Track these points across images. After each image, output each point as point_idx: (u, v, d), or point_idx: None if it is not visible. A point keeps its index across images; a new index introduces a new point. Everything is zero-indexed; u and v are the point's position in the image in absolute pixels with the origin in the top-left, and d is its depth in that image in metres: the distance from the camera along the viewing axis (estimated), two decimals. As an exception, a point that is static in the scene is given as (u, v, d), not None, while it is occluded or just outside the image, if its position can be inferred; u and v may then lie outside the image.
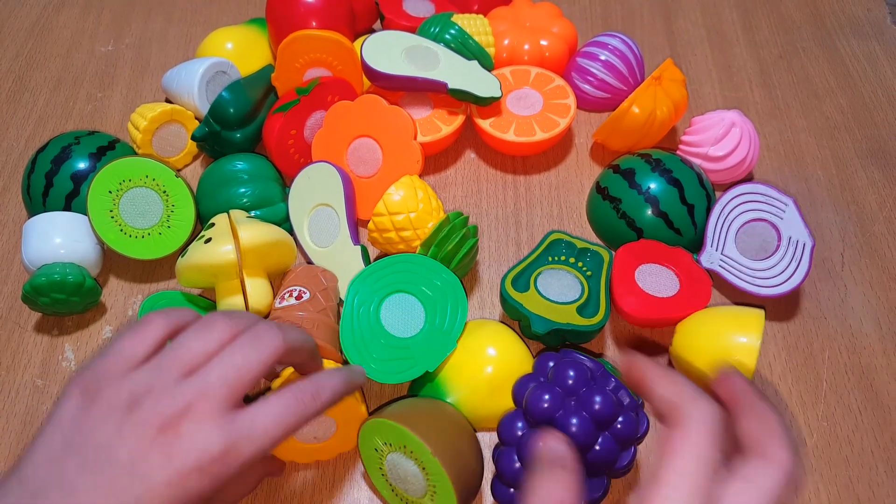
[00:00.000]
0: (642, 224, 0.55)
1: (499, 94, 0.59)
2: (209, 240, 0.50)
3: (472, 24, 0.64)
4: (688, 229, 0.55)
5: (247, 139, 0.60)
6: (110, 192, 0.53)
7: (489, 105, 0.60)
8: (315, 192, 0.56)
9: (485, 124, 0.61)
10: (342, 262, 0.54)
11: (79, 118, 0.69)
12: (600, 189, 0.59)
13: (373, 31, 0.65)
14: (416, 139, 0.57)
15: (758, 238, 0.54)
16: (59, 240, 0.52)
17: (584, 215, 0.61)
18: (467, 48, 0.63)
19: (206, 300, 0.53)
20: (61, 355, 0.54)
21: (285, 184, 0.59)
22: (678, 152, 0.61)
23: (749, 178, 0.63)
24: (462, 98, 0.59)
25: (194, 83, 0.61)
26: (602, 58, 0.65)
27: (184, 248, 0.53)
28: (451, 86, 0.58)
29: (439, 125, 0.61)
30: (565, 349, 0.48)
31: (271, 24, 0.65)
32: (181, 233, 0.54)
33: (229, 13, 0.78)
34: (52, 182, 0.55)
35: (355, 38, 0.67)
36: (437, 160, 0.64)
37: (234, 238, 0.49)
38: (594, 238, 0.60)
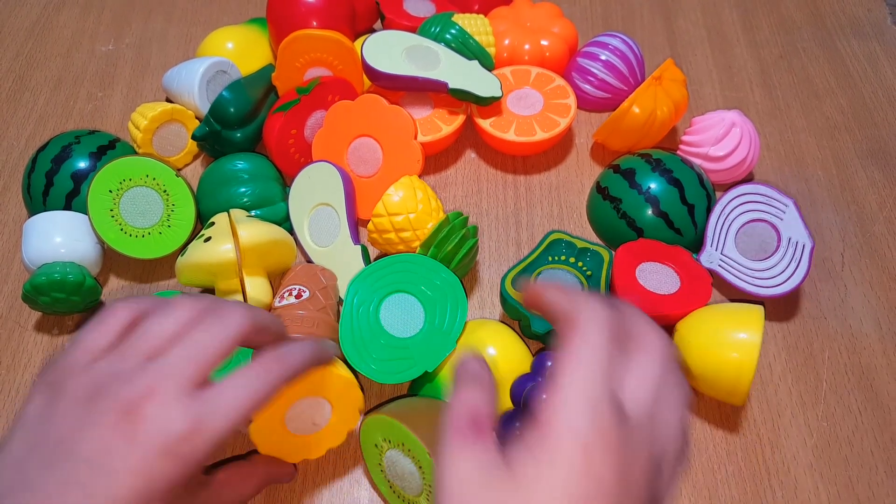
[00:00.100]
0: (643, 224, 0.55)
1: (499, 93, 0.59)
2: (209, 239, 0.50)
3: (473, 24, 0.64)
4: (688, 229, 0.55)
5: (247, 139, 0.60)
6: (111, 191, 0.53)
7: (489, 105, 0.60)
8: (315, 191, 0.56)
9: (485, 124, 0.61)
10: (342, 261, 0.54)
11: (79, 117, 0.69)
12: (600, 189, 0.59)
13: (373, 31, 0.65)
14: (416, 139, 0.57)
15: (757, 238, 0.54)
16: (59, 239, 0.53)
17: (584, 215, 0.61)
18: (468, 48, 0.63)
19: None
20: (61, 354, 0.54)
21: (285, 183, 0.59)
22: (678, 152, 0.61)
23: (749, 178, 0.63)
24: (462, 98, 0.59)
25: (195, 82, 0.61)
26: (602, 58, 0.65)
27: (184, 248, 0.53)
28: (452, 85, 0.58)
29: (440, 125, 0.61)
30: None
31: (272, 23, 0.65)
32: (181, 232, 0.55)
33: (230, 13, 0.78)
34: (53, 181, 0.55)
35: (356, 37, 0.67)
36: (437, 160, 0.64)
37: (234, 237, 0.49)
38: (594, 238, 0.60)
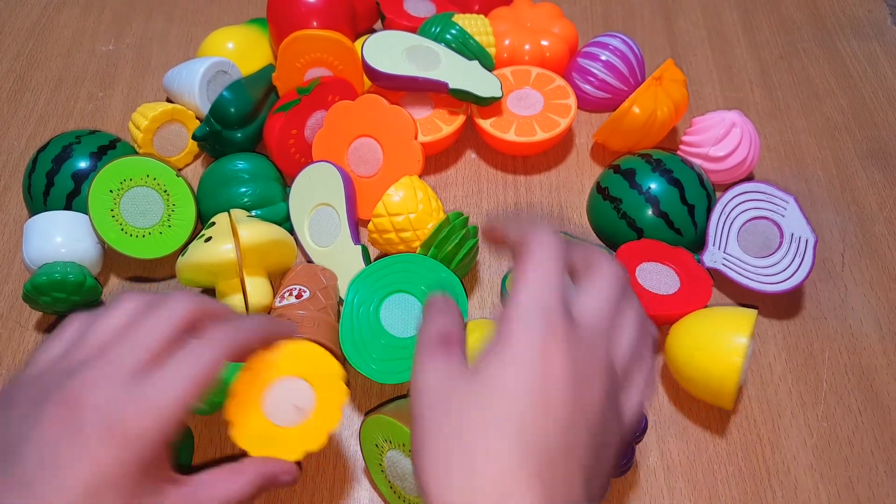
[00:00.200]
0: (643, 224, 0.55)
1: (499, 94, 0.59)
2: (209, 239, 0.50)
3: (473, 25, 0.64)
4: (688, 229, 0.55)
5: (247, 139, 0.60)
6: (111, 191, 0.53)
7: (490, 105, 0.60)
8: (316, 191, 0.56)
9: (485, 124, 0.61)
10: (343, 261, 0.54)
11: (80, 117, 0.69)
12: (601, 189, 0.59)
13: (374, 31, 0.65)
14: (416, 139, 0.57)
15: (760, 236, 0.54)
16: (59, 239, 0.53)
17: (584, 215, 0.61)
18: (468, 48, 0.63)
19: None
20: (62, 354, 0.54)
21: (286, 183, 0.59)
22: (679, 153, 0.61)
23: (750, 178, 0.63)
24: (463, 98, 0.59)
25: (195, 83, 0.62)
26: (603, 58, 0.65)
27: (184, 248, 0.53)
28: (452, 86, 0.58)
29: (440, 125, 0.61)
30: None
31: (272, 23, 0.65)
32: (182, 232, 0.55)
33: (230, 13, 0.78)
34: (53, 181, 0.55)
35: (356, 37, 0.67)
36: (437, 160, 0.64)
37: (235, 237, 0.49)
38: (594, 238, 0.60)
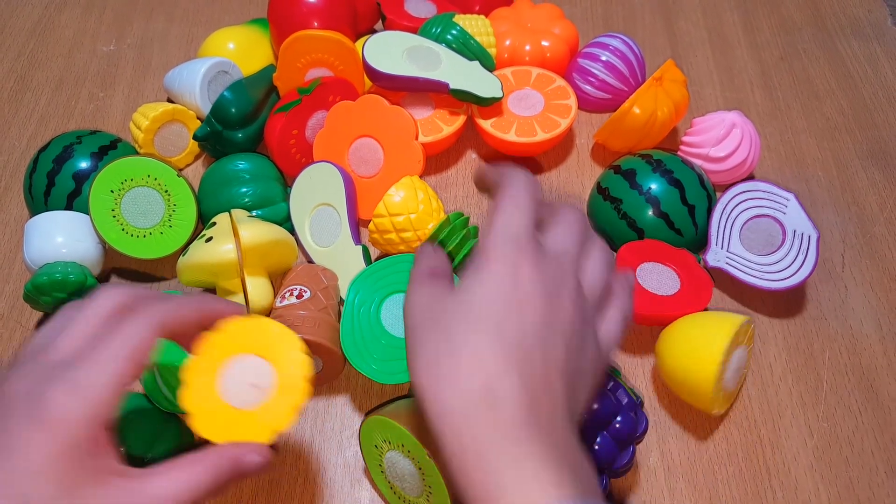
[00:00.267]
0: (643, 225, 0.55)
1: (500, 94, 0.59)
2: (210, 239, 0.50)
3: (474, 25, 0.64)
4: (689, 230, 0.55)
5: (248, 139, 0.60)
6: (112, 191, 0.53)
7: (490, 105, 0.61)
8: (317, 191, 0.56)
9: (486, 125, 0.61)
10: (343, 261, 0.54)
11: (81, 118, 0.69)
12: (601, 190, 0.59)
13: (374, 32, 0.65)
14: (417, 139, 0.57)
15: (763, 233, 0.54)
16: (60, 239, 0.53)
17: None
18: (469, 49, 0.63)
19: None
20: (63, 354, 0.54)
21: (286, 184, 0.59)
22: (679, 153, 0.61)
23: (750, 178, 0.62)
24: (463, 98, 0.60)
25: (196, 83, 0.62)
26: (603, 58, 0.65)
27: (185, 248, 0.53)
28: (453, 86, 0.58)
29: (441, 125, 0.61)
30: None
31: (273, 24, 0.65)
32: (183, 232, 0.55)
33: (231, 13, 0.79)
34: (54, 181, 0.55)
35: (357, 38, 0.67)
36: (438, 160, 0.64)
37: (236, 237, 0.49)
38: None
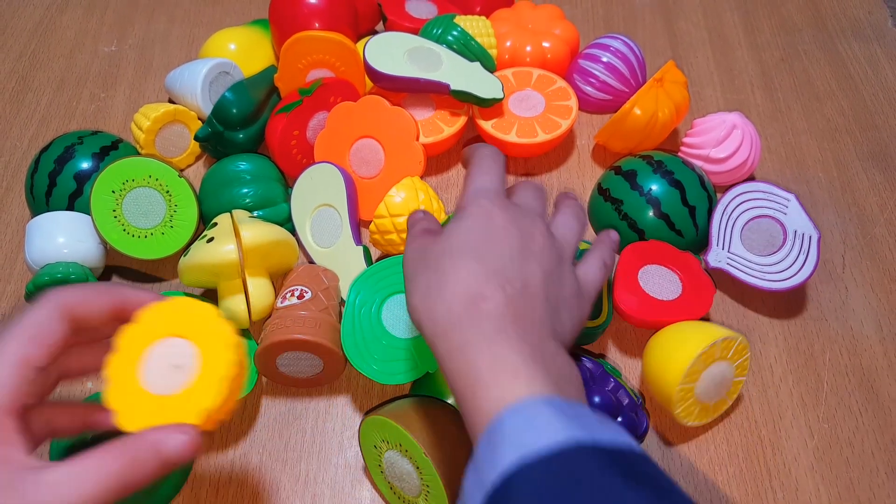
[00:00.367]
0: (644, 225, 0.55)
1: (501, 95, 0.59)
2: (211, 239, 0.50)
3: (475, 26, 0.64)
4: (689, 231, 0.55)
5: (249, 140, 0.60)
6: (113, 191, 0.53)
7: (491, 106, 0.61)
8: (318, 192, 0.56)
9: (487, 125, 0.61)
10: (344, 262, 0.54)
11: (82, 118, 0.69)
12: (602, 190, 0.59)
13: (375, 33, 0.65)
14: (418, 140, 0.57)
15: (764, 234, 0.54)
16: (62, 239, 0.53)
17: (585, 216, 0.61)
18: (469, 50, 0.63)
19: (208, 300, 0.54)
20: (64, 354, 0.54)
21: (287, 184, 0.59)
22: (680, 154, 0.61)
23: (751, 179, 0.63)
24: (464, 99, 0.60)
25: (197, 83, 0.62)
26: (604, 60, 0.65)
27: (186, 248, 0.54)
28: (454, 87, 0.58)
29: (441, 126, 0.61)
30: None
31: (274, 25, 0.65)
32: (184, 233, 0.55)
33: (232, 14, 0.79)
34: (56, 182, 0.56)
35: (358, 39, 0.67)
36: (439, 161, 0.64)
37: (237, 238, 0.49)
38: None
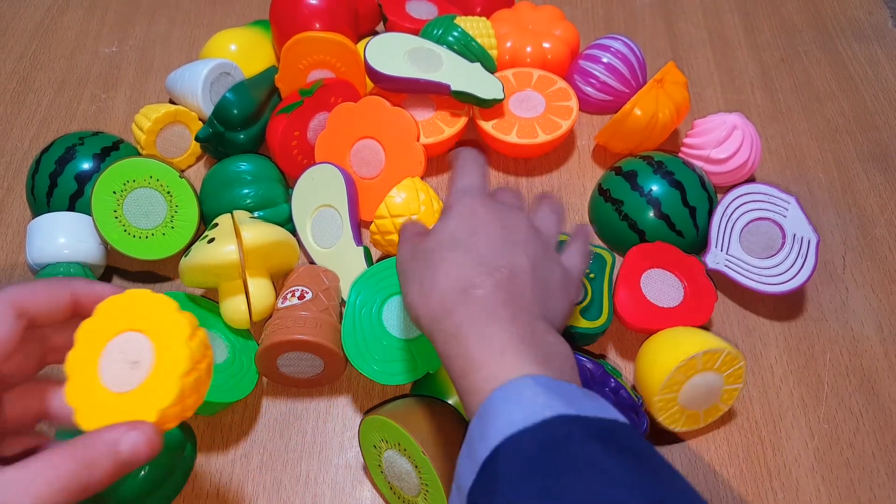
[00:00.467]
0: (644, 226, 0.55)
1: (501, 96, 0.59)
2: (212, 240, 0.50)
3: (475, 27, 0.64)
4: (690, 231, 0.55)
5: (250, 140, 0.60)
6: (114, 192, 0.53)
7: (492, 107, 0.61)
8: (318, 193, 0.56)
9: (487, 126, 0.61)
10: (345, 262, 0.54)
11: (83, 119, 0.69)
12: (602, 191, 0.59)
13: (376, 34, 0.66)
14: (418, 141, 0.57)
15: (762, 236, 0.54)
16: (62, 240, 0.53)
17: (586, 217, 0.61)
18: (470, 50, 0.63)
19: (209, 301, 0.54)
20: (64, 355, 0.54)
21: (288, 185, 0.59)
22: (680, 155, 0.61)
23: (751, 180, 0.63)
24: (465, 100, 0.60)
25: (198, 84, 0.62)
26: (604, 60, 0.65)
27: (187, 249, 0.54)
28: (454, 88, 0.58)
29: (442, 127, 0.61)
30: None
31: (275, 25, 0.66)
32: (185, 233, 0.55)
33: (233, 15, 0.79)
34: (57, 182, 0.56)
35: (358, 40, 0.67)
36: (439, 162, 0.64)
37: (237, 238, 0.49)
38: (597, 240, 0.60)
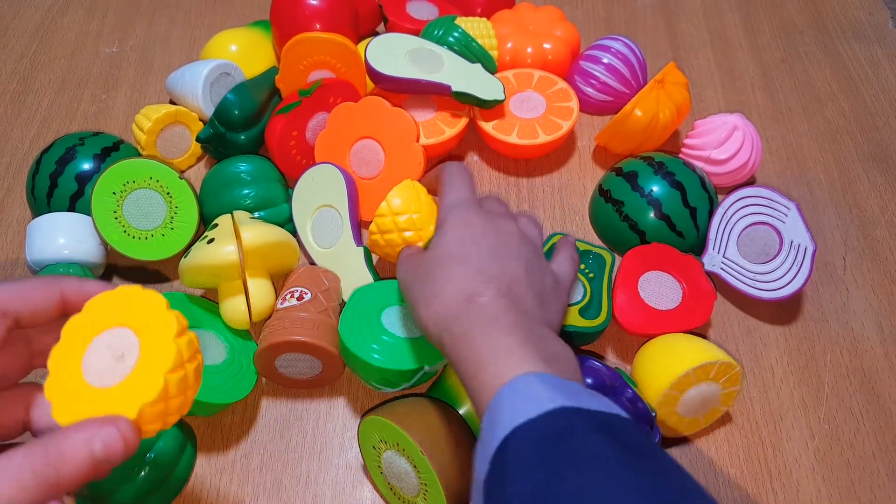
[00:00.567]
0: (645, 227, 0.55)
1: (502, 96, 0.59)
2: (212, 240, 0.50)
3: (476, 27, 0.64)
4: (690, 232, 0.55)
5: (251, 141, 0.60)
6: (114, 193, 0.53)
7: (492, 108, 0.61)
8: (319, 193, 0.56)
9: (488, 127, 0.61)
10: (345, 263, 0.54)
11: (83, 119, 0.69)
12: (603, 192, 0.59)
13: (376, 34, 0.66)
14: (418, 141, 0.57)
15: (759, 241, 0.54)
16: (62, 240, 0.53)
17: (586, 218, 0.61)
18: (471, 51, 0.63)
19: (209, 301, 0.54)
20: (65, 355, 0.54)
21: (288, 185, 0.59)
22: (681, 155, 0.61)
23: (751, 181, 0.63)
24: (465, 101, 0.60)
25: (198, 85, 0.62)
26: (605, 61, 0.65)
27: (187, 250, 0.54)
28: (455, 88, 0.58)
29: (442, 128, 0.61)
30: (582, 355, 0.48)
31: (275, 26, 0.65)
32: (184, 234, 0.55)
33: (233, 15, 0.79)
34: (57, 183, 0.55)
35: (358, 40, 0.67)
36: (440, 162, 0.64)
37: (237, 239, 0.49)
38: (597, 241, 0.60)
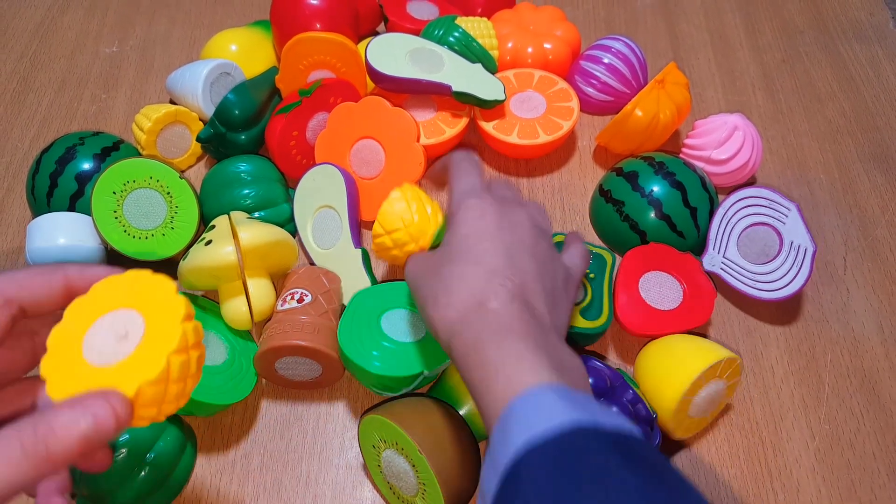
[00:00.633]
0: (645, 227, 0.55)
1: (502, 96, 0.59)
2: (210, 242, 0.50)
3: (476, 27, 0.64)
4: (691, 232, 0.55)
5: (251, 141, 0.60)
6: (114, 192, 0.53)
7: (493, 108, 0.61)
8: (320, 193, 0.56)
9: (488, 127, 0.61)
10: (343, 264, 0.54)
11: (83, 119, 0.69)
12: (603, 192, 0.59)
13: (377, 34, 0.65)
14: (418, 141, 0.57)
15: (759, 242, 0.54)
16: (62, 240, 0.53)
17: (587, 218, 0.61)
18: (471, 51, 0.63)
19: (209, 301, 0.53)
20: (65, 355, 0.54)
21: (288, 185, 0.59)
22: (681, 155, 0.61)
23: (752, 181, 0.63)
24: (466, 101, 0.60)
25: (198, 85, 0.62)
26: (605, 61, 0.65)
27: (187, 250, 0.53)
28: (455, 88, 0.58)
29: (443, 128, 0.61)
30: (584, 355, 0.48)
31: (275, 26, 0.65)
32: (185, 234, 0.55)
33: (233, 15, 0.79)
34: (57, 182, 0.55)
35: (359, 40, 0.67)
36: (440, 162, 0.64)
37: (235, 239, 0.49)
38: (597, 241, 0.60)
